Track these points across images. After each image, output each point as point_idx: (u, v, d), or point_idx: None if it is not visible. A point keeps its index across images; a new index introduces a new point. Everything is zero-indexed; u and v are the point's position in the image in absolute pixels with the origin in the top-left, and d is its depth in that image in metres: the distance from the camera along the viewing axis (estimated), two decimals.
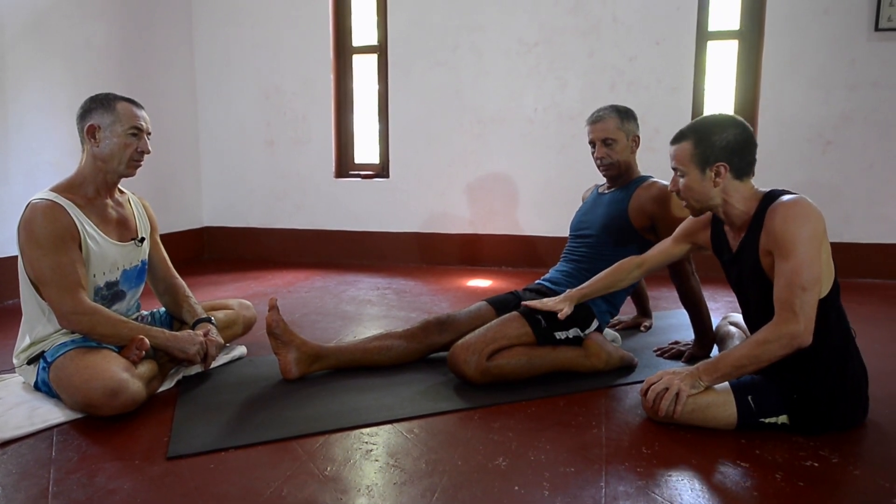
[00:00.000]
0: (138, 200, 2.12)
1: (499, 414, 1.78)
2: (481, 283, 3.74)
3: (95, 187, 1.91)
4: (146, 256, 2.09)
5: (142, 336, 1.83)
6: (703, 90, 3.90)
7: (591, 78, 3.95)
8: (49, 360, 1.78)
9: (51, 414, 1.73)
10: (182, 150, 4.49)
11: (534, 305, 2.05)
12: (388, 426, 1.70)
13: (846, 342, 1.64)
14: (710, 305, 2.31)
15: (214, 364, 2.14)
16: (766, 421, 1.62)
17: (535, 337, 2.02)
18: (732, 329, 2.16)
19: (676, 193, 1.77)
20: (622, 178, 2.30)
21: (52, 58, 3.35)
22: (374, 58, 4.39)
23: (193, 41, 4.54)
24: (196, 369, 2.07)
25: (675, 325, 2.69)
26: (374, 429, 1.68)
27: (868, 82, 3.60)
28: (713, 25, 3.86)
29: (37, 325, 1.85)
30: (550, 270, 2.38)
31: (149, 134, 1.94)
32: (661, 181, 2.22)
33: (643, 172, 2.33)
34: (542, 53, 4.00)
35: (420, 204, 4.32)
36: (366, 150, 4.53)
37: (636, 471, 1.45)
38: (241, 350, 2.31)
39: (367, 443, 1.60)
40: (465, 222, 4.27)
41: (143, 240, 2.05)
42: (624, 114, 2.25)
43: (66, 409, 1.75)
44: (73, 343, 1.80)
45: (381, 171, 4.44)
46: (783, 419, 1.62)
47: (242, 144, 4.59)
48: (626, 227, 2.22)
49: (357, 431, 1.66)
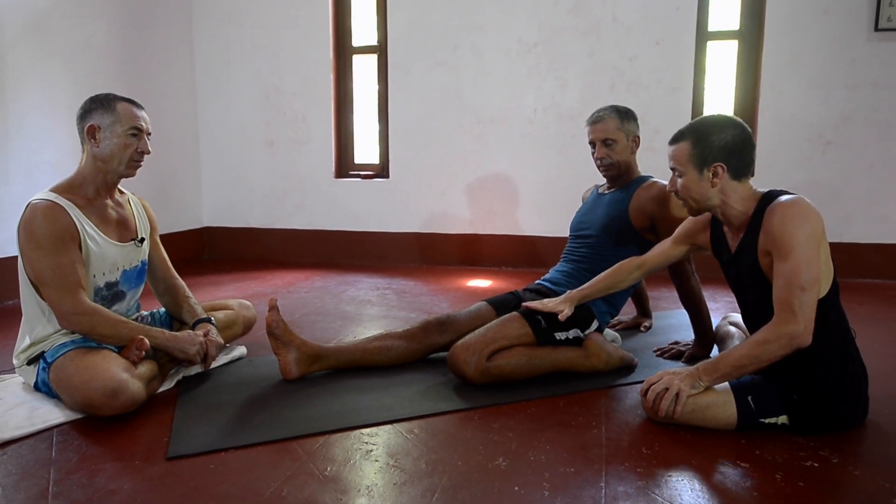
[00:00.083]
0: (138, 201, 2.13)
1: (499, 414, 1.78)
2: (481, 283, 3.74)
3: (95, 188, 1.91)
4: (146, 257, 2.09)
5: (142, 336, 1.83)
6: (702, 90, 3.90)
7: (590, 78, 3.95)
8: (49, 360, 1.78)
9: (51, 414, 1.73)
10: (182, 150, 4.49)
11: (534, 306, 2.05)
12: (388, 426, 1.70)
13: (846, 342, 1.64)
14: (710, 305, 2.31)
15: (214, 364, 2.14)
16: (766, 421, 1.62)
17: (535, 337, 2.02)
18: (732, 329, 2.16)
19: (675, 193, 1.77)
20: (622, 179, 2.30)
21: (52, 58, 3.35)
22: (373, 58, 4.39)
23: (193, 41, 4.54)
24: (196, 369, 2.07)
25: (674, 325, 2.69)
26: (374, 429, 1.68)
27: (868, 82, 3.60)
28: (713, 25, 3.85)
29: (37, 325, 1.85)
30: (550, 271, 2.38)
31: (149, 134, 1.95)
32: (661, 181, 2.22)
33: (643, 172, 2.33)
34: (541, 53, 4.00)
35: (420, 204, 4.32)
36: (366, 151, 4.53)
37: (636, 471, 1.45)
38: (241, 350, 2.31)
39: (367, 443, 1.60)
40: (465, 222, 4.27)
41: (142, 240, 2.05)
42: (624, 114, 2.25)
43: (66, 410, 1.75)
44: (73, 343, 1.80)
45: (381, 171, 4.44)
46: (783, 419, 1.62)
47: (242, 144, 4.59)
48: (627, 228, 2.22)
49: (357, 432, 1.66)
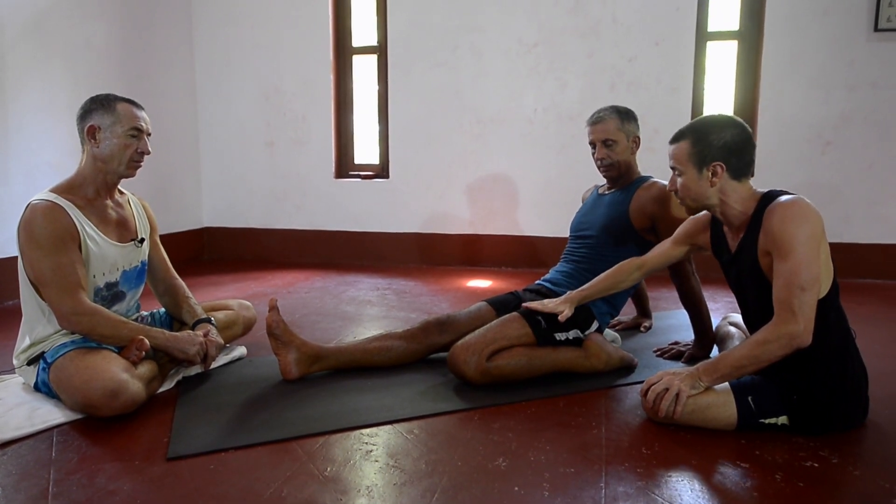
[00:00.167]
0: (138, 201, 2.12)
1: (499, 414, 1.78)
2: (481, 283, 3.74)
3: (95, 188, 1.91)
4: (146, 257, 2.09)
5: (142, 337, 1.83)
6: (702, 91, 3.90)
7: (590, 78, 3.95)
8: (49, 360, 1.78)
9: (51, 415, 1.73)
10: (182, 150, 4.49)
11: (534, 307, 2.05)
12: (388, 427, 1.70)
13: (846, 342, 1.64)
14: (710, 306, 2.31)
15: (214, 365, 2.14)
16: (766, 421, 1.62)
17: (535, 338, 2.02)
18: (732, 329, 2.16)
19: (675, 193, 1.77)
20: (622, 179, 2.31)
21: (52, 58, 3.35)
22: (373, 58, 4.39)
23: (193, 41, 4.54)
24: (196, 370, 2.07)
25: (674, 325, 2.69)
26: (373, 429, 1.68)
27: (867, 83, 3.60)
28: (713, 26, 3.86)
29: (37, 325, 1.85)
30: (550, 271, 2.38)
31: (149, 135, 1.95)
32: (661, 181, 2.22)
33: (643, 173, 2.33)
34: (541, 54, 4.00)
35: (420, 204, 4.32)
36: (366, 151, 4.53)
37: (636, 471, 1.45)
38: (240, 350, 2.31)
39: (366, 443, 1.60)
40: (464, 223, 4.27)
41: (142, 240, 2.05)
42: (624, 115, 2.25)
43: (66, 410, 1.75)
44: (73, 344, 1.80)
45: (381, 171, 4.44)
46: (783, 420, 1.62)
47: (242, 145, 4.59)
48: (627, 228, 2.22)
49: (357, 432, 1.66)
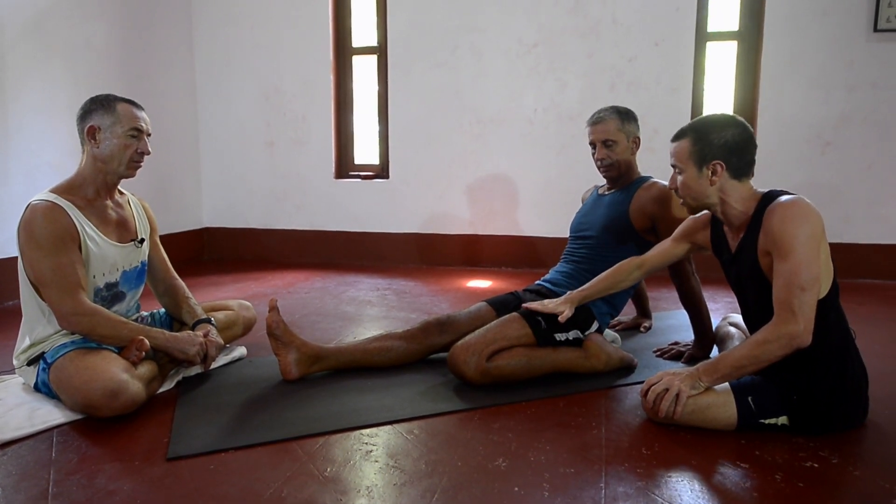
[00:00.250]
0: (138, 201, 2.12)
1: (498, 415, 1.78)
2: (481, 283, 3.74)
3: (95, 188, 1.91)
4: (146, 257, 2.09)
5: (142, 337, 1.83)
6: (702, 91, 3.90)
7: (590, 78, 3.95)
8: (49, 361, 1.78)
9: (51, 415, 1.73)
10: (182, 150, 4.49)
11: (534, 308, 2.05)
12: (388, 427, 1.70)
13: (846, 343, 1.64)
14: (710, 306, 2.31)
15: (214, 365, 2.14)
16: (766, 422, 1.62)
17: (534, 338, 2.02)
18: (732, 330, 2.16)
19: (675, 191, 1.77)
20: (622, 180, 2.31)
21: (52, 58, 3.35)
22: (373, 59, 4.39)
23: (193, 41, 4.54)
24: (196, 370, 2.07)
25: (674, 325, 2.69)
26: (373, 430, 1.68)
27: (867, 83, 3.60)
28: (712, 26, 3.86)
29: (37, 326, 1.85)
30: (550, 271, 2.38)
31: (149, 135, 1.95)
32: (661, 182, 2.22)
33: (643, 173, 2.33)
34: (541, 54, 4.00)
35: (420, 205, 4.32)
36: (366, 151, 4.53)
37: (636, 472, 1.45)
38: (241, 351, 2.31)
39: (366, 444, 1.60)
40: (464, 223, 4.27)
41: (142, 241, 2.05)
42: (624, 115, 2.25)
43: (66, 410, 1.75)
44: (73, 344, 1.80)
45: (381, 171, 4.44)
46: (783, 420, 1.62)
47: (242, 145, 4.59)
48: (627, 229, 2.22)
49: (357, 432, 1.66)
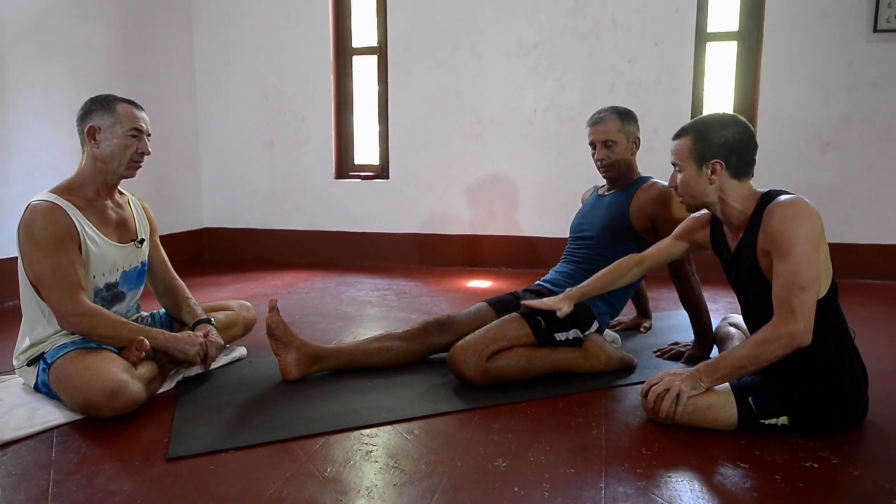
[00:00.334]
0: (138, 202, 2.12)
1: (498, 415, 1.78)
2: (481, 284, 3.74)
3: (95, 189, 1.91)
4: (146, 258, 2.09)
5: (142, 337, 1.83)
6: (702, 91, 3.90)
7: (590, 79, 3.95)
8: (49, 361, 1.78)
9: (51, 415, 1.73)
10: (182, 150, 4.49)
11: (533, 305, 2.05)
12: (388, 427, 1.70)
13: (845, 343, 1.64)
14: (710, 306, 2.31)
15: (214, 365, 2.14)
16: (767, 422, 1.62)
17: (534, 338, 2.02)
18: (732, 330, 2.16)
19: (675, 189, 1.78)
20: (622, 180, 2.31)
21: (52, 59, 3.35)
22: (373, 59, 4.39)
23: (193, 41, 4.54)
24: (196, 370, 2.07)
25: (674, 325, 2.69)
26: (373, 430, 1.68)
27: (867, 83, 3.60)
28: (712, 26, 3.86)
29: (37, 326, 1.85)
30: (550, 271, 2.38)
31: (149, 135, 1.95)
32: (661, 182, 2.22)
33: (643, 173, 2.33)
34: (541, 54, 4.00)
35: (420, 205, 4.32)
36: (366, 151, 4.53)
37: (636, 472, 1.45)
38: (240, 351, 2.31)
39: (366, 444, 1.60)
40: (464, 223, 4.27)
41: (142, 241, 2.05)
42: (624, 115, 2.25)
43: (66, 411, 1.75)
44: (73, 344, 1.80)
45: (381, 172, 4.44)
46: (783, 420, 1.62)
47: (242, 145, 4.59)
48: (627, 229, 2.22)
49: (357, 432, 1.66)
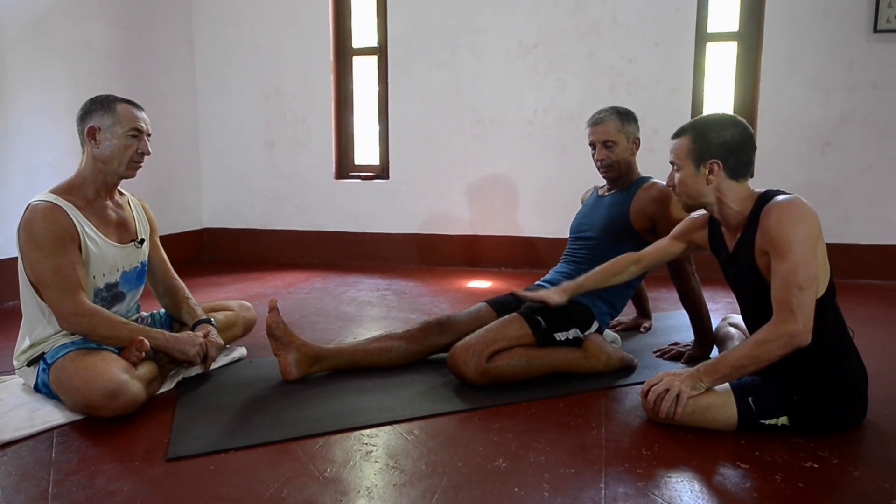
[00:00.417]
0: (138, 202, 2.13)
1: (499, 415, 1.78)
2: (481, 284, 3.74)
3: (95, 189, 1.91)
4: (146, 258, 2.09)
5: (142, 337, 1.83)
6: (702, 91, 3.90)
7: (590, 79, 3.95)
8: (49, 361, 1.78)
9: (51, 415, 1.73)
10: (182, 150, 4.49)
11: (528, 297, 2.06)
12: (388, 427, 1.70)
13: (844, 342, 1.64)
14: (710, 306, 2.31)
15: (214, 365, 2.14)
16: (767, 422, 1.62)
17: (534, 338, 2.02)
18: (732, 330, 2.16)
19: (672, 188, 1.78)
20: (622, 180, 2.31)
21: (52, 59, 3.35)
22: (374, 59, 4.39)
23: (193, 41, 4.54)
24: (196, 371, 2.07)
25: (674, 326, 2.69)
26: (373, 430, 1.68)
27: (867, 83, 3.60)
28: (712, 27, 3.86)
29: (37, 326, 1.85)
30: (550, 272, 2.38)
31: (149, 135, 1.95)
32: (661, 182, 2.22)
33: (643, 173, 2.33)
34: (541, 55, 4.00)
35: (420, 205, 4.32)
36: (366, 152, 4.53)
37: (636, 472, 1.45)
38: (241, 351, 2.31)
39: (366, 444, 1.60)
40: (464, 223, 4.27)
41: (142, 241, 2.05)
42: (624, 116, 2.25)
43: (66, 411, 1.75)
44: (73, 345, 1.80)
45: (381, 172, 4.44)
46: (783, 420, 1.62)
47: (242, 145, 4.59)
48: (627, 229, 2.22)
49: (357, 433, 1.66)
